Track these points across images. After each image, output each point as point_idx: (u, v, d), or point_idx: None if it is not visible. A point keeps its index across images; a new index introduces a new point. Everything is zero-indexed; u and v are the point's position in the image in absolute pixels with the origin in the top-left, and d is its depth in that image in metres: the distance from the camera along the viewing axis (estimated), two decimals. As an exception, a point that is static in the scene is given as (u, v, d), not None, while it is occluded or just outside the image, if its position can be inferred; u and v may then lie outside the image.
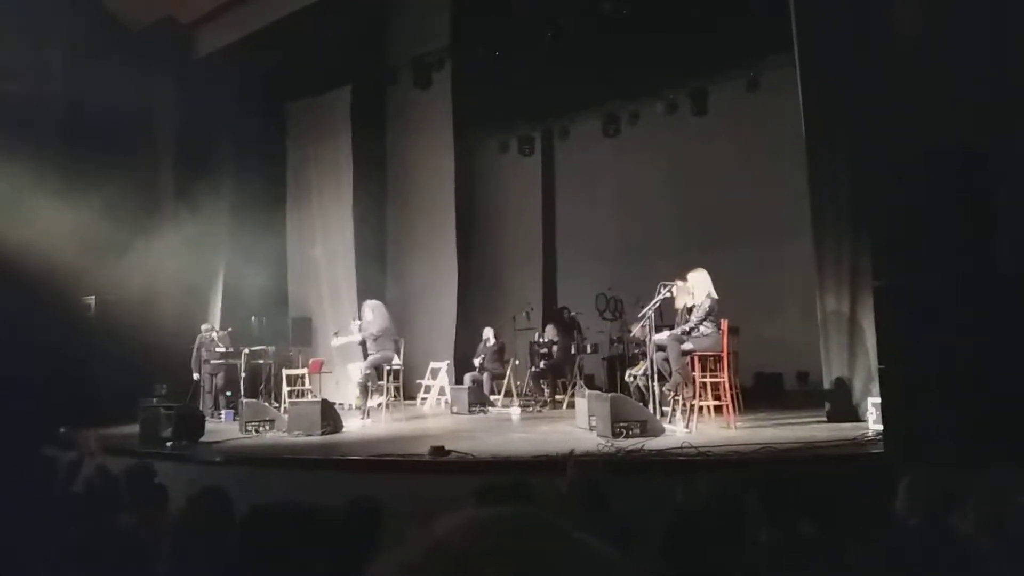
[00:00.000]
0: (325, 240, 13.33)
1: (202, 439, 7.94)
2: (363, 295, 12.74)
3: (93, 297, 11.43)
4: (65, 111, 11.52)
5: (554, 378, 10.59)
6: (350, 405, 11.27)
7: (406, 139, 13.58)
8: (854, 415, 6.75)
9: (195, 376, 11.03)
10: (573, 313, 11.35)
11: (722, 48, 10.39)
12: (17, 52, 10.77)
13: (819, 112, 7.20)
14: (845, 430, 6.25)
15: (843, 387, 6.94)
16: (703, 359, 6.97)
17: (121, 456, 6.68)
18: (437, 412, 10.85)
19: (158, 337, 10.89)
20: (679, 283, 7.14)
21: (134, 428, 8.68)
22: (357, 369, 11.45)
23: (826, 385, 7.15)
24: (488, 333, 11.05)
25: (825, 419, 6.95)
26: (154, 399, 10.01)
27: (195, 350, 11.06)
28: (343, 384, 11.79)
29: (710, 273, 7.15)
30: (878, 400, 5.74)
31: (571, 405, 9.48)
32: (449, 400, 10.72)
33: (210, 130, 12.29)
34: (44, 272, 10.15)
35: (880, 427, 5.54)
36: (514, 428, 8.60)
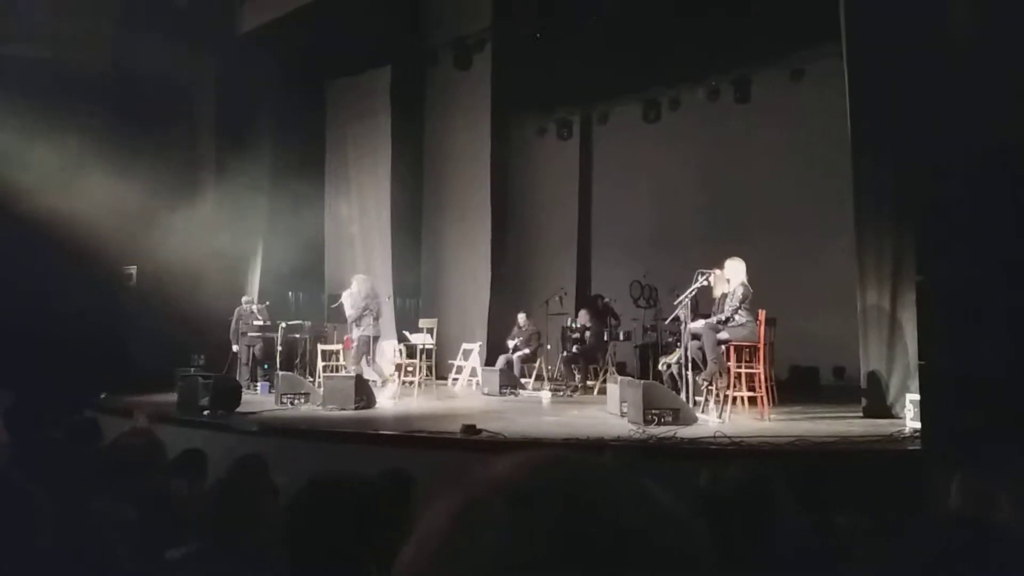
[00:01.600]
0: (362, 219, 13.43)
1: (238, 409, 8.08)
2: (398, 274, 12.86)
3: (135, 267, 11.66)
4: (113, 84, 11.70)
5: (586, 364, 10.60)
6: (383, 382, 11.39)
7: (444, 121, 13.61)
8: (890, 412, 6.68)
9: (234, 347, 11.20)
10: (607, 300, 11.33)
11: (767, 35, 10.25)
12: (68, 23, 10.95)
13: (865, 103, 7.08)
14: (881, 426, 6.19)
15: (880, 383, 6.86)
16: (739, 349, 6.93)
17: (160, 423, 6.84)
18: (468, 393, 10.92)
19: (196, 308, 11.05)
20: (717, 271, 7.09)
21: (171, 396, 8.87)
22: (391, 347, 11.60)
23: (863, 380, 7.08)
24: (522, 318, 11.07)
25: (861, 415, 6.89)
26: (192, 369, 10.19)
27: (234, 322, 11.22)
28: (377, 360, 11.92)
29: (748, 263, 7.09)
30: (916, 397, 5.66)
31: (602, 391, 9.47)
32: (480, 381, 10.79)
33: (251, 106, 12.40)
34: (88, 241, 10.36)
35: (918, 424, 5.47)
36: (544, 411, 8.63)
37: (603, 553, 0.56)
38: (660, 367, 7.95)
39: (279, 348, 10.41)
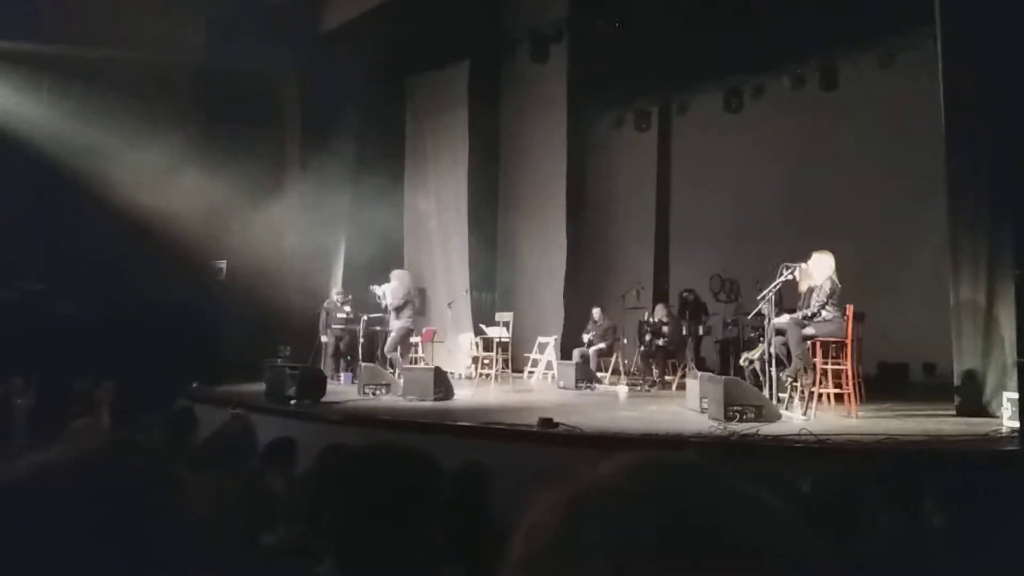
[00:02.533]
0: (440, 213, 13.62)
1: (323, 399, 8.32)
2: (475, 268, 13.00)
3: (224, 262, 12.11)
4: (203, 84, 12.18)
5: (664, 358, 10.48)
6: (460, 374, 11.56)
7: (521, 113, 13.65)
8: (986, 410, 6.39)
9: (322, 339, 11.49)
10: (697, 295, 11.12)
11: (856, 19, 9.88)
12: (159, 24, 11.43)
13: (960, 91, 6.76)
14: (975, 425, 5.94)
15: (974, 380, 6.57)
16: (825, 345, 6.74)
17: (249, 412, 7.10)
18: (543, 386, 10.96)
19: (282, 301, 11.43)
20: (803, 265, 6.91)
21: (259, 386, 9.19)
22: (468, 340, 11.74)
23: (956, 378, 6.79)
24: (597, 312, 11.01)
25: (953, 413, 6.61)
26: (278, 359, 10.53)
27: (323, 314, 11.51)
28: (454, 353, 12.09)
29: (834, 257, 6.88)
30: (1015, 395, 5.41)
31: (681, 387, 9.37)
32: (556, 375, 10.81)
33: (333, 103, 12.70)
34: (181, 237, 10.82)
35: (1016, 424, 5.23)
36: (621, 406, 8.59)
37: (708, 554, 0.57)
38: (742, 362, 7.81)
39: (361, 340, 10.66)
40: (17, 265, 10.87)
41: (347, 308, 11.28)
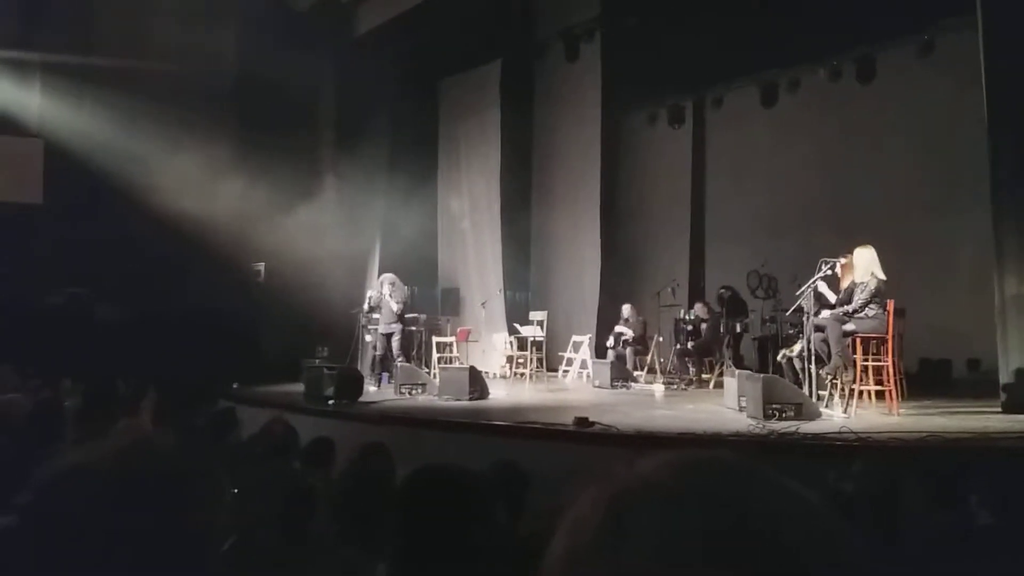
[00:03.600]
0: (473, 214, 13.66)
1: (360, 399, 8.41)
2: (508, 267, 13.01)
3: (263, 264, 12.28)
4: (237, 89, 12.37)
5: (700, 356, 10.39)
6: (495, 373, 11.58)
7: (553, 113, 13.64)
8: (1034, 407, 6.24)
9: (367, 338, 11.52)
10: (732, 292, 11.00)
11: (892, 8, 9.69)
12: (194, 32, 11.65)
13: (1004, 79, 6.61)
14: (1023, 422, 5.79)
15: (1021, 376, 6.41)
16: (865, 342, 6.62)
17: (289, 412, 7.20)
18: (578, 385, 10.93)
19: (320, 302, 11.56)
20: (843, 260, 6.79)
21: (298, 386, 9.31)
22: (502, 339, 11.76)
23: (1002, 374, 6.63)
24: (627, 309, 10.92)
25: (999, 410, 6.46)
26: (316, 360, 10.65)
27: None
28: (489, 352, 12.12)
29: (875, 250, 6.76)
30: (1064, 392, 5.27)
31: (718, 385, 9.28)
32: (591, 374, 10.77)
33: (367, 107, 12.82)
34: (221, 240, 11.01)
35: (1066, 421, 5.10)
36: (658, 405, 8.53)
37: (749, 553, 0.56)
38: (779, 359, 7.71)
39: (398, 339, 10.70)
40: (64, 270, 11.14)
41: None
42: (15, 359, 8.64)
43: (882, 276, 6.63)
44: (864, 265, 6.66)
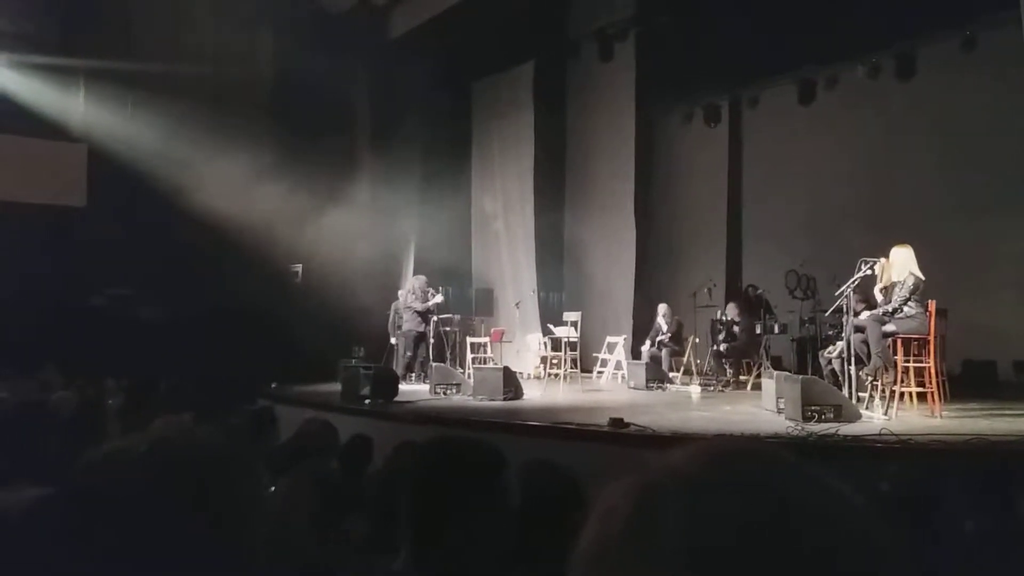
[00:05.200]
0: (506, 215, 13.68)
1: (396, 399, 8.47)
2: (542, 268, 13.01)
3: (300, 265, 12.43)
4: (275, 92, 12.55)
5: (738, 358, 10.28)
6: (529, 374, 11.58)
7: (586, 113, 13.60)
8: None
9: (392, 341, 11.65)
10: (760, 291, 10.91)
11: (933, 3, 9.51)
12: (233, 36, 11.84)
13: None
14: (1072, 425, 5.64)
15: (1071, 379, 6.25)
16: (906, 342, 6.50)
17: (326, 411, 7.28)
18: (613, 386, 10.88)
19: (356, 303, 11.67)
20: (883, 260, 6.67)
21: (335, 386, 9.39)
22: (536, 340, 11.75)
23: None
24: (663, 309, 10.84)
25: (1047, 413, 6.30)
26: (353, 360, 10.74)
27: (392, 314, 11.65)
28: (523, 353, 12.12)
29: (915, 250, 6.63)
30: (1116, 395, 5.12)
31: (756, 387, 9.17)
32: (626, 375, 10.71)
33: (402, 109, 12.91)
34: (258, 242, 11.17)
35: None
36: (694, 406, 8.45)
37: (783, 546, 0.56)
38: (820, 360, 7.60)
39: (431, 341, 10.78)
40: (106, 271, 11.39)
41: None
42: (61, 359, 8.87)
43: (920, 275, 6.50)
44: (901, 264, 6.54)
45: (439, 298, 10.71)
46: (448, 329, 11.46)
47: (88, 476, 0.98)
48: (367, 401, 8.21)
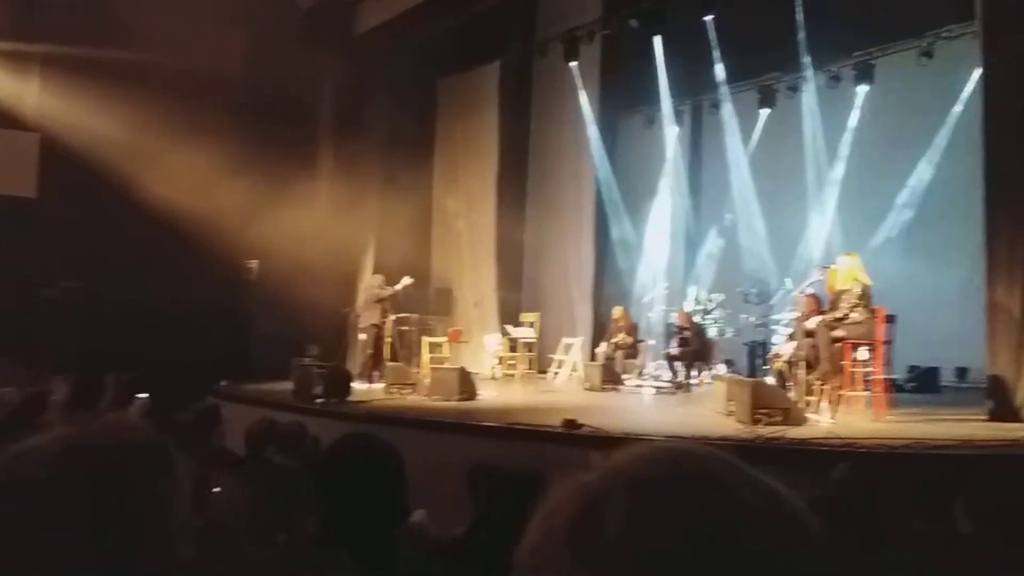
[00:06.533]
0: (468, 213, 13.64)
1: (349, 398, 8.39)
2: (502, 268, 13.01)
3: (256, 261, 12.24)
4: (239, 86, 12.34)
5: (690, 360, 10.40)
6: (486, 374, 11.57)
7: (550, 113, 13.62)
8: (1019, 415, 6.26)
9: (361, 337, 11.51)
10: (710, 298, 11.03)
11: (893, 17, 9.79)
12: (196, 27, 11.60)
13: (1002, 87, 6.63)
14: (1010, 430, 5.81)
15: (1008, 384, 6.43)
16: (854, 348, 6.65)
17: (276, 410, 7.19)
18: (569, 387, 10.92)
19: (312, 301, 11.52)
20: (832, 267, 6.83)
21: (287, 385, 9.28)
22: (494, 340, 11.74)
23: (988, 382, 6.66)
24: (618, 312, 10.94)
25: (986, 418, 6.48)
26: (306, 359, 10.62)
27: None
28: (479, 353, 12.11)
29: (867, 257, 6.80)
30: (1051, 401, 5.29)
31: (709, 389, 9.29)
32: (581, 376, 10.77)
33: (365, 104, 12.80)
34: (214, 237, 10.97)
35: (1052, 430, 5.11)
36: (647, 408, 8.54)
37: (723, 545, 0.56)
38: (769, 364, 7.73)
39: (388, 339, 10.71)
40: (57, 264, 11.10)
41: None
42: (9, 352, 8.63)
43: (867, 281, 6.65)
44: (848, 271, 6.70)
45: (408, 279, 10.75)
46: (405, 328, 11.39)
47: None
48: (319, 400, 8.12)
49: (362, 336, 11.21)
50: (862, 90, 11.05)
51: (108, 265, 10.83)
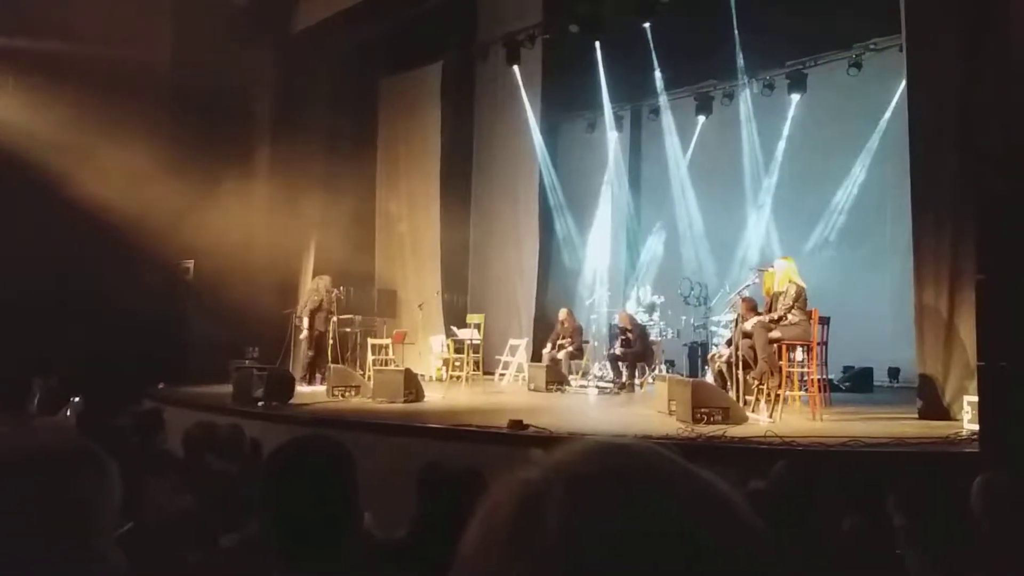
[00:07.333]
0: (411, 215, 13.56)
1: (291, 401, 8.24)
2: (446, 270, 12.96)
3: (192, 261, 11.94)
4: (171, 82, 12.01)
5: (633, 361, 10.53)
6: (431, 376, 11.52)
7: (493, 116, 13.65)
8: (947, 413, 6.51)
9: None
10: (652, 299, 11.20)
11: (823, 29, 10.10)
12: (126, 18, 11.25)
13: (924, 98, 6.89)
14: (938, 428, 6.03)
15: (937, 384, 6.69)
16: (791, 348, 6.82)
17: (215, 413, 7.02)
18: (514, 388, 10.95)
19: (251, 302, 11.28)
20: (768, 269, 7.00)
21: (227, 388, 9.07)
22: (439, 342, 11.69)
23: (919, 381, 6.91)
24: (563, 314, 11.03)
25: (916, 416, 6.72)
26: (246, 361, 10.41)
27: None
28: (425, 355, 12.05)
29: (802, 260, 6.99)
30: (975, 399, 5.51)
31: (652, 389, 9.42)
32: (527, 377, 10.81)
33: (305, 103, 12.60)
34: (147, 236, 10.66)
35: (976, 427, 5.32)
36: (591, 408, 8.62)
37: (664, 542, 0.57)
38: (708, 365, 7.87)
39: (331, 342, 10.57)
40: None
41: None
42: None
43: (802, 284, 6.84)
44: (784, 274, 6.88)
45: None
46: (349, 330, 11.26)
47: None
48: (260, 403, 7.97)
49: (303, 337, 11.04)
50: (795, 98, 11.38)
51: (35, 265, 10.42)
